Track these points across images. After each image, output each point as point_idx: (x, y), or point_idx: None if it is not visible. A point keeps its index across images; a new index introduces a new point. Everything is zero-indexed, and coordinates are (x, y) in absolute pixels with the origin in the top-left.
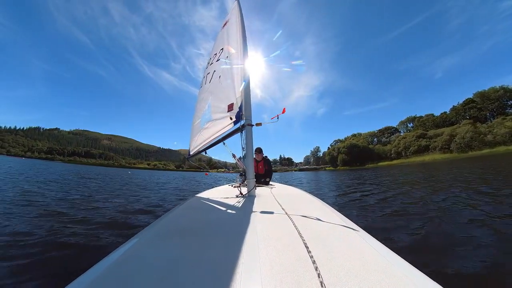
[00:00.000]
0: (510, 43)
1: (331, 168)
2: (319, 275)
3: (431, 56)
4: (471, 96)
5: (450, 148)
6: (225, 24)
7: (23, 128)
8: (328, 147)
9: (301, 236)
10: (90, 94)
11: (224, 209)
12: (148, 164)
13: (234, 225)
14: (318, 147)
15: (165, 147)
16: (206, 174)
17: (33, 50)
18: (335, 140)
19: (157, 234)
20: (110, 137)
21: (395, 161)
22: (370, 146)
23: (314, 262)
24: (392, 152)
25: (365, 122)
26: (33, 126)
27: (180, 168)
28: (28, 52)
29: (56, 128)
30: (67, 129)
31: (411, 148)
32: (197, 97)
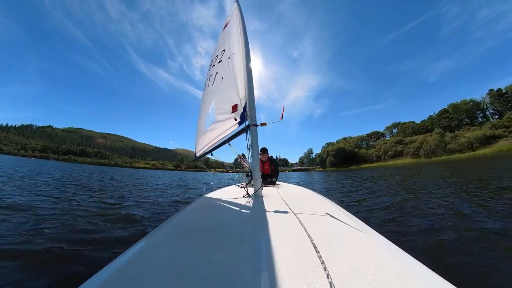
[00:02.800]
0: (503, 48)
1: (321, 169)
2: (328, 275)
3: (426, 59)
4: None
5: (419, 154)
6: (225, 26)
7: (15, 125)
8: (322, 149)
9: (309, 236)
10: (85, 91)
11: (231, 209)
12: (147, 164)
13: (241, 225)
14: (311, 149)
15: (161, 146)
16: (214, 174)
17: (26, 45)
18: (326, 143)
19: (167, 235)
20: (105, 136)
21: (375, 164)
22: (356, 149)
23: (322, 262)
24: (373, 155)
25: (361, 123)
26: (25, 124)
27: (179, 168)
28: (21, 47)
29: (49, 126)
30: (61, 127)
31: (389, 153)
32: (200, 99)
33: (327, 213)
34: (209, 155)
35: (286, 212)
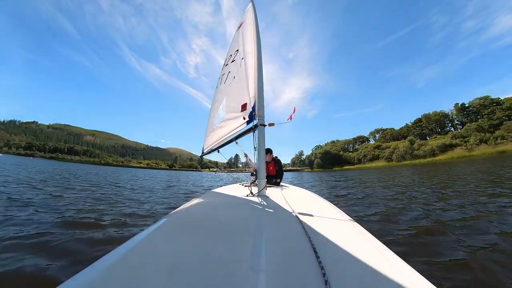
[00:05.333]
0: (483, 59)
1: (309, 169)
2: (326, 282)
3: (415, 66)
4: (445, 109)
5: (392, 158)
6: (240, 26)
7: None
8: (311, 151)
9: (310, 240)
10: (73, 86)
11: (234, 207)
12: (141, 163)
13: (243, 223)
14: (302, 151)
15: (153, 145)
16: (215, 173)
17: (10, 34)
18: (315, 146)
19: (169, 227)
20: (94, 133)
21: (355, 166)
22: (341, 152)
23: (322, 268)
24: (355, 158)
25: (356, 125)
26: (7, 119)
27: (173, 168)
28: (4, 36)
29: (34, 122)
30: (46, 123)
31: (367, 156)
32: (212, 97)
33: (329, 217)
34: (213, 154)
35: (288, 213)
